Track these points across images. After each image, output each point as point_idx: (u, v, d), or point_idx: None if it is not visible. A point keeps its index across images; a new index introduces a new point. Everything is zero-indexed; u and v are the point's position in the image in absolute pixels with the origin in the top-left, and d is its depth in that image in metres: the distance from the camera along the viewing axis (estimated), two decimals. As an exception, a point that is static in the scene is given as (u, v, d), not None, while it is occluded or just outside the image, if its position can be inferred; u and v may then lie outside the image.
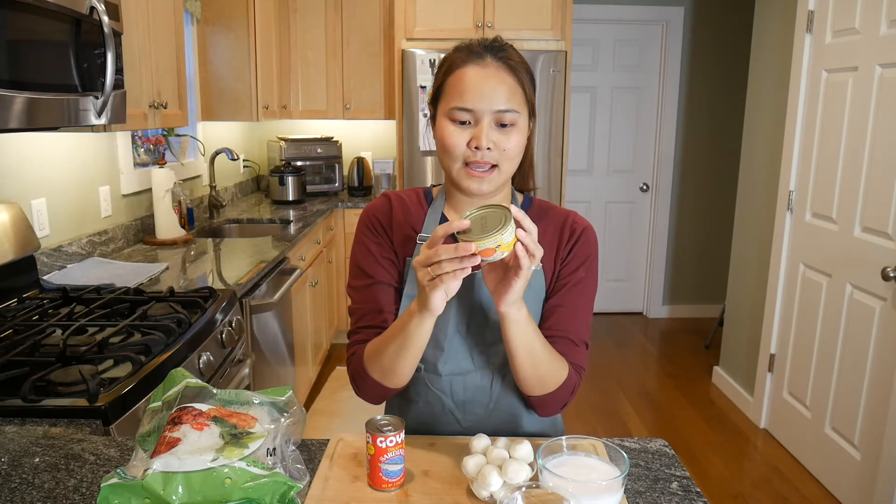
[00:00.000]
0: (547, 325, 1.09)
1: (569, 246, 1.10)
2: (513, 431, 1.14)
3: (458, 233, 0.87)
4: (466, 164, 1.02)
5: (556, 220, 1.13)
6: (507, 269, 0.92)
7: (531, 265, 0.89)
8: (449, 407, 1.12)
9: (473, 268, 0.89)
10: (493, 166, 1.02)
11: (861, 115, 2.42)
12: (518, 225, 0.88)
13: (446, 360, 1.09)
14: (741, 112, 3.69)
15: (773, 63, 3.08)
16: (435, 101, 1.08)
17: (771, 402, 3.08)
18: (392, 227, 1.12)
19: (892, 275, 2.19)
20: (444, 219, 1.12)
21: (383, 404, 1.23)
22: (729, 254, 3.57)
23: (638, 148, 4.65)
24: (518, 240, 0.87)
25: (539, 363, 1.02)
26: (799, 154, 2.86)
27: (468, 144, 1.01)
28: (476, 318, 1.09)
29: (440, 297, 0.91)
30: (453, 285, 0.91)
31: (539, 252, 0.89)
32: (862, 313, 2.41)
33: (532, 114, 1.07)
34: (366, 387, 1.08)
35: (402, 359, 1.00)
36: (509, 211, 0.88)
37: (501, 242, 0.86)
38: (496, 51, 1.04)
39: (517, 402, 1.14)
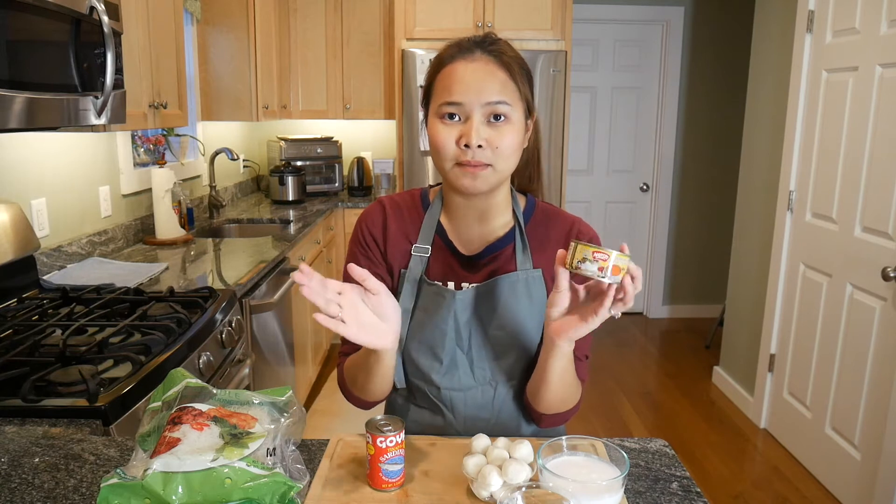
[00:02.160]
0: None
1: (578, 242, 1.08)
2: None
3: (587, 244, 0.86)
4: (458, 164, 0.97)
5: (561, 227, 1.09)
6: (575, 304, 0.92)
7: (616, 311, 0.88)
8: (449, 420, 1.10)
9: (577, 279, 0.90)
10: (487, 165, 0.97)
11: (861, 115, 2.42)
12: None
13: (444, 373, 1.07)
14: (741, 112, 3.69)
15: (773, 63, 3.08)
16: (426, 101, 1.04)
17: (771, 402, 3.08)
18: (386, 238, 1.09)
19: (892, 275, 2.19)
20: (439, 227, 1.09)
21: (383, 405, 1.22)
22: (729, 254, 3.57)
23: (638, 148, 4.65)
24: (627, 272, 0.86)
25: (568, 388, 1.03)
26: (799, 154, 2.86)
27: (458, 142, 0.96)
28: (476, 333, 1.06)
29: (344, 330, 0.86)
30: (349, 315, 0.87)
31: (629, 300, 0.87)
32: (862, 313, 2.41)
33: (530, 112, 1.02)
34: (350, 398, 1.12)
35: (371, 383, 1.03)
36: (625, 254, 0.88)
37: (619, 265, 0.85)
38: (486, 45, 0.99)
39: (519, 416, 1.12)
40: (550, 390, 1.01)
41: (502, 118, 0.97)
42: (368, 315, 0.90)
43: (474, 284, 1.07)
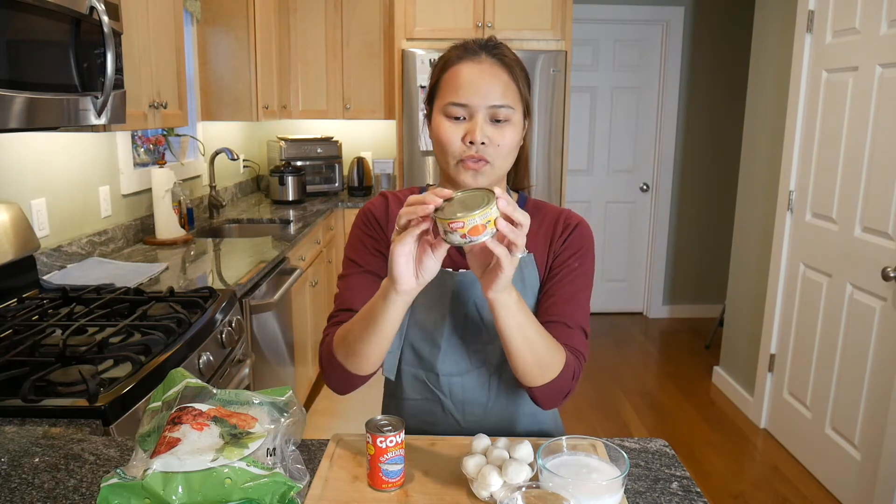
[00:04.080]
0: (540, 311, 1.08)
1: (563, 238, 1.10)
2: (512, 430, 1.14)
3: (435, 212, 0.84)
4: (461, 160, 1.02)
5: (549, 216, 1.13)
6: (491, 255, 0.88)
7: (512, 253, 0.85)
8: (448, 408, 1.12)
9: (459, 249, 0.84)
10: (487, 162, 1.02)
11: (861, 115, 2.42)
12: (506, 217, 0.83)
13: (444, 360, 1.09)
14: (741, 112, 3.69)
15: (773, 63, 3.08)
16: (431, 99, 1.09)
17: (771, 402, 3.08)
18: (388, 224, 1.12)
19: (892, 275, 2.19)
20: None
21: (382, 405, 1.22)
22: (729, 254, 3.57)
23: (638, 148, 4.65)
24: (496, 224, 0.82)
25: (536, 348, 0.97)
26: (799, 154, 2.85)
27: (463, 139, 1.01)
28: (472, 317, 1.09)
29: (404, 264, 0.86)
30: (429, 264, 0.88)
31: (519, 239, 0.84)
32: (862, 313, 2.41)
33: (527, 112, 1.08)
34: (332, 372, 1.05)
35: (366, 341, 0.96)
36: (493, 193, 0.83)
37: (478, 224, 0.81)
38: (491, 48, 1.05)
39: (515, 401, 1.14)
40: (516, 353, 0.97)
41: (504, 119, 1.02)
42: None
43: (470, 271, 1.08)
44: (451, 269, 1.10)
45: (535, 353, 0.98)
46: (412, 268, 0.88)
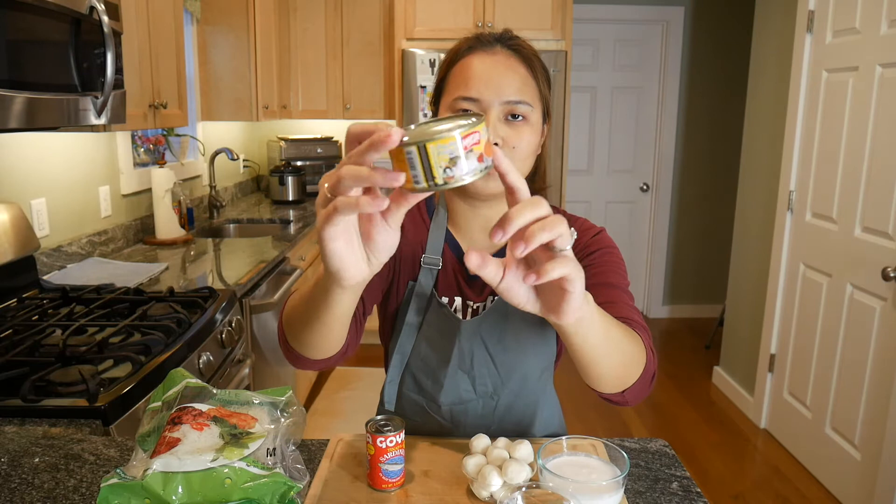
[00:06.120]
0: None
1: (584, 240, 1.00)
2: None
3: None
4: None
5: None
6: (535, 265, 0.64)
7: (556, 248, 0.57)
8: (448, 429, 1.09)
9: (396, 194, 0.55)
10: None
11: (861, 115, 2.42)
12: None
13: (446, 394, 1.05)
14: (741, 112, 3.69)
15: (773, 63, 3.08)
16: (437, 98, 0.97)
17: (771, 402, 3.08)
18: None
19: (892, 275, 2.19)
20: (449, 236, 1.04)
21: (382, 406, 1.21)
22: (729, 254, 3.57)
23: (638, 148, 4.65)
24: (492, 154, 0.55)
25: (623, 347, 0.79)
26: (799, 154, 2.85)
27: None
28: (479, 353, 1.03)
29: (343, 250, 0.61)
30: (382, 239, 0.62)
31: (560, 226, 0.58)
32: (862, 313, 2.41)
33: (547, 114, 0.96)
34: (286, 350, 0.92)
35: (312, 332, 0.81)
36: (478, 116, 0.58)
37: (467, 144, 0.50)
38: (506, 40, 0.93)
39: (521, 423, 1.10)
40: (604, 367, 0.77)
41: (521, 118, 0.91)
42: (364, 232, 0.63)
43: (479, 305, 1.04)
44: (459, 305, 1.03)
45: (623, 352, 0.79)
46: (357, 252, 0.63)
